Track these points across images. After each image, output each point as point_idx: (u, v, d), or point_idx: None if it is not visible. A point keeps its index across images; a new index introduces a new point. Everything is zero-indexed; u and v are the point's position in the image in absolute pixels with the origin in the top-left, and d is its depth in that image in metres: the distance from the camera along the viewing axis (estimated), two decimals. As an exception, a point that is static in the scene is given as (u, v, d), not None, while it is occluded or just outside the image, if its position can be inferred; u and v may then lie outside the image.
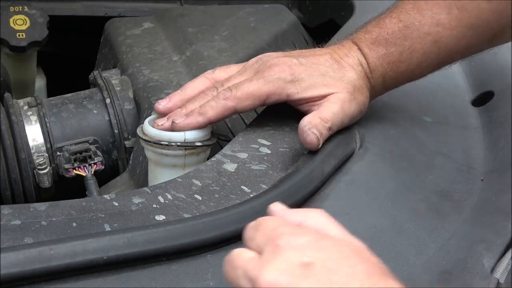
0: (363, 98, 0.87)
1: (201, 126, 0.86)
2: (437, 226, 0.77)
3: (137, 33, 1.22)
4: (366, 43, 0.88)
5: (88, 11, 1.37)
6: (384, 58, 0.88)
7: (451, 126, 0.93)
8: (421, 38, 0.87)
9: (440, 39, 0.87)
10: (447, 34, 0.87)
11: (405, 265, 0.73)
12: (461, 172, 0.85)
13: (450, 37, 0.87)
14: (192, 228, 0.70)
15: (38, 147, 1.00)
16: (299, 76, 0.86)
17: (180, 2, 1.39)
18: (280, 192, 0.76)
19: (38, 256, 0.64)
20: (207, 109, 0.85)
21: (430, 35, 0.87)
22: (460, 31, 0.87)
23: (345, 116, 0.85)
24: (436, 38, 0.87)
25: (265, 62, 0.88)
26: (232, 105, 0.85)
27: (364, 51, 0.88)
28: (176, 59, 1.14)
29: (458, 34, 0.87)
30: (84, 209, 0.72)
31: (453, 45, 0.88)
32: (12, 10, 1.24)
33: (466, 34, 0.87)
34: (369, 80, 0.88)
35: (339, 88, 0.86)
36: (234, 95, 0.85)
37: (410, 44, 0.87)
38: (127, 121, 1.04)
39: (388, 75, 0.88)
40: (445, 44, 0.88)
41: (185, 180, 0.78)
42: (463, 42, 0.88)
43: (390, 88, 0.91)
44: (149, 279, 0.67)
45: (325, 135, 0.83)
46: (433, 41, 0.87)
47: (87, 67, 1.24)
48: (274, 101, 0.86)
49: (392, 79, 0.89)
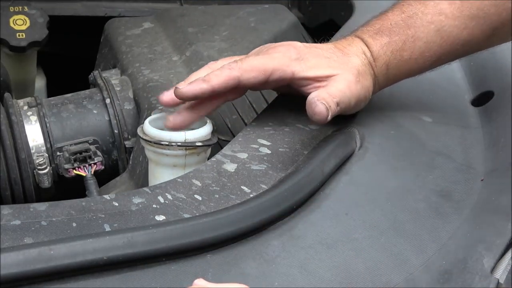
0: (367, 83, 0.87)
1: (204, 94, 0.84)
2: (437, 226, 0.77)
3: (137, 33, 1.22)
4: (369, 34, 0.89)
5: (88, 11, 1.37)
6: (388, 46, 0.88)
7: (451, 126, 0.93)
8: (424, 27, 0.88)
9: (443, 28, 0.88)
10: (450, 23, 0.88)
11: (404, 265, 0.73)
12: (461, 172, 0.85)
13: (452, 26, 0.88)
14: (192, 228, 0.70)
15: (38, 147, 1.00)
16: (305, 56, 0.86)
17: (180, 2, 1.39)
18: (280, 192, 0.76)
19: (38, 256, 0.64)
20: (211, 77, 0.84)
21: (433, 24, 0.88)
22: (462, 21, 0.88)
23: (352, 96, 0.85)
24: (438, 27, 0.88)
25: (268, 46, 0.88)
26: (237, 75, 0.84)
27: (367, 41, 0.88)
28: (176, 59, 1.14)
29: (460, 24, 0.88)
30: (84, 209, 0.72)
31: (455, 36, 0.88)
32: (12, 10, 1.24)
33: (468, 24, 0.88)
34: (373, 68, 0.88)
35: (344, 70, 0.86)
36: (239, 66, 0.84)
37: (413, 32, 0.88)
38: (127, 121, 1.04)
39: (391, 64, 0.88)
40: (448, 33, 0.88)
41: (185, 180, 0.78)
42: (464, 33, 0.88)
43: (392, 80, 0.91)
44: (149, 279, 0.67)
45: (334, 110, 0.82)
46: (436, 30, 0.88)
47: (87, 67, 1.24)
48: (278, 78, 0.85)
49: (395, 69, 0.89)
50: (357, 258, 0.72)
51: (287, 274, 0.70)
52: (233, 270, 0.69)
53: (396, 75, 0.90)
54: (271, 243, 0.72)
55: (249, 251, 0.71)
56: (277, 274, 0.70)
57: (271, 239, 0.73)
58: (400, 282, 0.71)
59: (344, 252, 0.73)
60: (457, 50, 0.90)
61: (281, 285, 0.69)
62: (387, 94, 0.96)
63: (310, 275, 0.70)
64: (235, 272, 0.69)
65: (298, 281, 0.69)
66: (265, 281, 0.69)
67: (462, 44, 0.90)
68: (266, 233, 0.73)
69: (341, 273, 0.71)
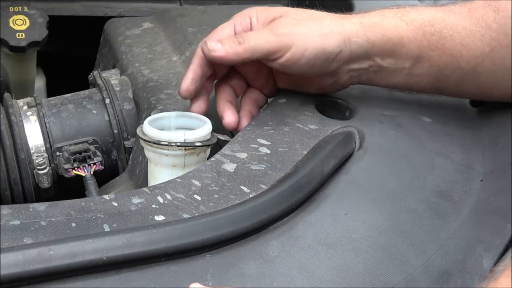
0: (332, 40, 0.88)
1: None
2: (437, 227, 0.77)
3: (137, 33, 1.22)
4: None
5: (88, 11, 1.37)
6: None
7: (451, 126, 0.92)
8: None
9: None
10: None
11: (404, 265, 0.73)
12: (460, 173, 0.85)
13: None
14: (191, 228, 0.70)
15: (38, 147, 1.00)
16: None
17: (180, 2, 1.39)
18: (279, 192, 0.76)
19: (37, 256, 0.64)
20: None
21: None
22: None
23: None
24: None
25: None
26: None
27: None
28: (175, 59, 1.14)
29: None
30: (83, 209, 0.72)
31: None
32: (12, 10, 1.24)
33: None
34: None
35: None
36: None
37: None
38: (126, 121, 1.04)
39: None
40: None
41: (184, 180, 0.78)
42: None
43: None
44: (148, 279, 0.67)
45: (233, 47, 0.87)
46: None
47: (87, 67, 1.24)
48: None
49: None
50: (357, 258, 0.72)
51: (287, 274, 0.70)
52: (233, 270, 0.69)
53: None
54: (270, 243, 0.73)
55: (249, 251, 0.71)
56: (277, 274, 0.70)
57: (270, 239, 0.73)
58: (399, 283, 0.71)
59: (343, 252, 0.73)
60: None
61: (280, 285, 0.69)
62: (387, 94, 0.96)
63: (310, 275, 0.70)
64: (235, 272, 0.69)
65: (298, 281, 0.69)
66: (265, 281, 0.69)
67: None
68: (265, 233, 0.73)
69: (340, 273, 0.71)
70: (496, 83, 0.89)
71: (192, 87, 0.91)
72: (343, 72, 0.90)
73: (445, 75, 0.89)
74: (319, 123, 0.89)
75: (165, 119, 0.91)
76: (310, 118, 0.90)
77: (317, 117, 0.90)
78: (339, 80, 0.92)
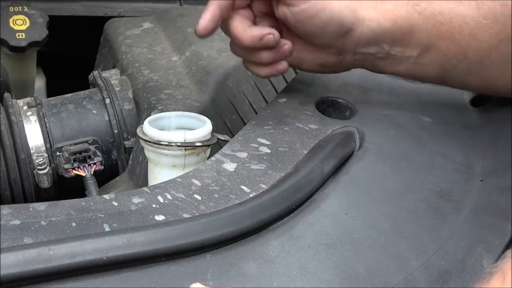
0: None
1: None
2: (437, 226, 0.77)
3: (137, 33, 1.22)
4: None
5: (88, 11, 1.37)
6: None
7: (451, 126, 0.92)
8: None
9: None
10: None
11: (404, 265, 0.73)
12: (460, 172, 0.85)
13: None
14: (192, 228, 0.70)
15: (38, 147, 1.00)
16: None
17: (180, 2, 1.39)
18: (279, 192, 0.76)
19: (37, 256, 0.64)
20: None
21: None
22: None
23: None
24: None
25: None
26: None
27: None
28: (175, 59, 1.14)
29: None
30: (83, 209, 0.72)
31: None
32: (12, 10, 1.24)
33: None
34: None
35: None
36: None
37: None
38: (126, 121, 1.04)
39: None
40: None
41: (184, 180, 0.78)
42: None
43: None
44: (148, 279, 0.67)
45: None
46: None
47: (87, 67, 1.24)
48: None
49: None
50: (357, 258, 0.72)
51: (287, 274, 0.70)
52: (233, 270, 0.69)
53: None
54: (270, 243, 0.73)
55: (249, 251, 0.71)
56: (277, 274, 0.70)
57: (270, 239, 0.73)
58: (399, 283, 0.71)
59: (343, 252, 0.73)
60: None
61: (280, 285, 0.69)
62: (387, 94, 0.96)
63: (310, 275, 0.70)
64: (235, 272, 0.69)
65: (298, 281, 0.69)
66: (265, 281, 0.69)
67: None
68: (265, 233, 0.73)
69: (340, 273, 0.71)
70: (501, 76, 0.88)
71: (211, 25, 0.88)
72: (349, 53, 0.90)
73: (452, 65, 0.89)
74: (319, 122, 0.89)
75: (165, 119, 0.91)
76: (310, 117, 0.90)
77: (317, 117, 0.90)
78: (343, 61, 0.91)
